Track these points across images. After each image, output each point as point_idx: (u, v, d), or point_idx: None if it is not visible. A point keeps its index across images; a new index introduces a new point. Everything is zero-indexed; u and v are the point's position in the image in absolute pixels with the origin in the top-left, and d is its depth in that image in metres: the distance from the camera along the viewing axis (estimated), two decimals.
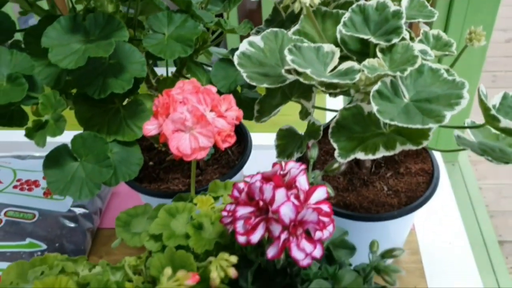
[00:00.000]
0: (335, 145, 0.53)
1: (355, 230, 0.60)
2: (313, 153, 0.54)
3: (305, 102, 0.60)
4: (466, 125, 0.62)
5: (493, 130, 0.62)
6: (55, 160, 0.59)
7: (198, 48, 0.70)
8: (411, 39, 0.56)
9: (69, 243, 0.81)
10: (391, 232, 0.74)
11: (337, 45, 0.54)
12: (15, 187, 0.89)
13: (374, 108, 0.46)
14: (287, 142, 0.68)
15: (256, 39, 0.59)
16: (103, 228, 0.90)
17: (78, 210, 0.86)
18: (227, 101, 0.54)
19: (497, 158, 0.56)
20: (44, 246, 0.80)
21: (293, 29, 0.60)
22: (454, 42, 0.55)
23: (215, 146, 0.83)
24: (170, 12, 0.65)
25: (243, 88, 0.72)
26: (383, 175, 0.75)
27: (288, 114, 0.71)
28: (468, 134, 0.61)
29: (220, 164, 0.79)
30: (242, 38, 0.81)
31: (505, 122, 0.49)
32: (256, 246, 0.53)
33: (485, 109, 0.50)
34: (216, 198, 0.59)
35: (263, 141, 0.87)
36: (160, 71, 0.78)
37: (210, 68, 0.72)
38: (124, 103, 0.66)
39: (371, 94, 0.46)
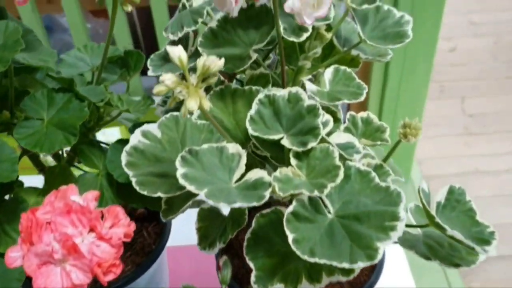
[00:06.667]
0: (251, 264, 0.43)
1: None
2: (226, 274, 0.43)
3: None
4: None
5: None
6: None
7: (93, 125, 0.59)
8: (336, 120, 0.47)
9: None
10: None
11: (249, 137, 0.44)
12: None
13: (290, 237, 0.36)
14: (209, 226, 0.57)
15: (152, 127, 0.48)
16: None
17: None
18: (113, 215, 0.43)
19: (445, 257, 0.47)
20: None
21: (198, 112, 0.49)
22: (387, 127, 0.46)
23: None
24: (51, 91, 0.53)
25: None
26: None
27: None
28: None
29: (134, 250, 0.67)
30: None
31: (451, 232, 0.40)
32: None
33: (429, 216, 0.41)
34: None
35: None
36: None
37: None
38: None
39: (284, 218, 0.37)
